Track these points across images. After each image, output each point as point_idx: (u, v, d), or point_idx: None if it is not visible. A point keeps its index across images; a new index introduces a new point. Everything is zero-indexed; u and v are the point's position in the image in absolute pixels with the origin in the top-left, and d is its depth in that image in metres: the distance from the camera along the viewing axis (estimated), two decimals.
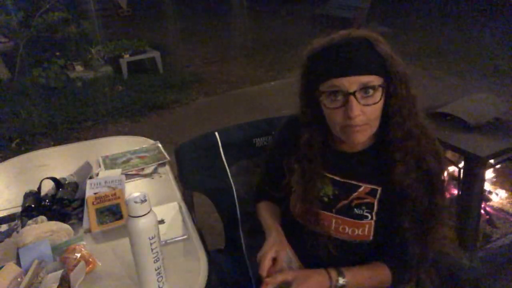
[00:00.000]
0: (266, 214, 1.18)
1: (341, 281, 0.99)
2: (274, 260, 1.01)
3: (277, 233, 1.09)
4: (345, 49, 0.87)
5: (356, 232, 1.03)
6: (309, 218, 1.06)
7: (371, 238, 1.03)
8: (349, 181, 1.03)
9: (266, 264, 0.99)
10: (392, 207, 1.00)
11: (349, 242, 1.05)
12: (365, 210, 1.01)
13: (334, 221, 1.04)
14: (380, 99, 0.89)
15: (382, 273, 1.04)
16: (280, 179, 1.12)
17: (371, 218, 1.01)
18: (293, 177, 1.06)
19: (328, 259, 1.06)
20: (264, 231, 1.13)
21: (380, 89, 0.89)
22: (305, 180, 1.04)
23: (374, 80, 0.88)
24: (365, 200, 1.01)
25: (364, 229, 1.02)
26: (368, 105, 0.89)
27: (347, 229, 1.03)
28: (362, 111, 0.89)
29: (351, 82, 0.87)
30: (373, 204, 1.01)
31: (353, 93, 0.87)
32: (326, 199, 1.05)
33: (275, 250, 1.02)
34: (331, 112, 0.92)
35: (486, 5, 8.48)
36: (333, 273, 1.00)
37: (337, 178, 1.04)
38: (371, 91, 0.88)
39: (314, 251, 1.07)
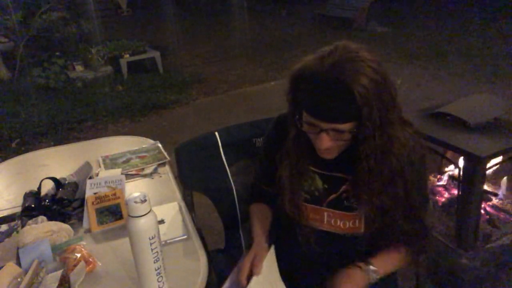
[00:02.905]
0: (254, 220, 1.20)
1: (373, 273, 1.03)
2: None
3: (257, 245, 1.10)
4: (325, 96, 0.88)
5: (348, 224, 1.07)
6: (299, 212, 1.09)
7: (362, 230, 1.06)
8: (336, 175, 1.06)
9: (245, 272, 1.02)
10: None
11: (342, 235, 1.08)
12: (354, 202, 1.05)
13: (326, 214, 1.08)
14: (351, 136, 0.93)
15: (401, 254, 1.08)
16: (274, 173, 1.14)
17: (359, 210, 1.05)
18: (281, 173, 1.08)
19: (323, 253, 1.10)
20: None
21: (353, 130, 0.92)
22: (293, 175, 1.07)
23: (348, 126, 0.91)
24: (354, 192, 1.04)
25: (354, 221, 1.06)
26: (338, 139, 0.94)
27: (338, 222, 1.07)
28: (331, 141, 0.94)
29: (325, 124, 0.91)
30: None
31: (326, 130, 0.92)
32: (316, 193, 1.08)
33: (251, 261, 1.04)
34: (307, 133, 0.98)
35: (486, 5, 8.49)
36: (364, 266, 1.04)
37: (325, 173, 1.08)
38: (343, 131, 0.92)
39: (308, 245, 1.10)
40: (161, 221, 1.17)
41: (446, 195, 2.20)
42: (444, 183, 2.27)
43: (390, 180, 0.98)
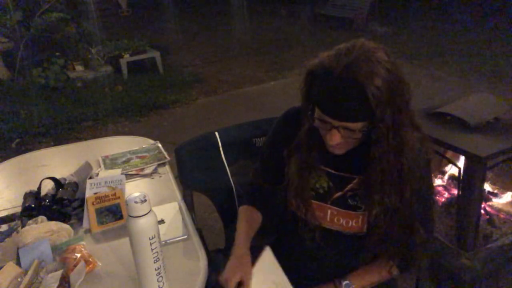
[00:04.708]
0: (241, 225, 1.17)
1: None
2: (239, 284, 1.01)
3: (241, 254, 1.08)
4: (338, 95, 0.88)
5: (350, 223, 1.07)
6: (303, 208, 1.09)
7: (364, 230, 1.06)
8: (343, 174, 1.06)
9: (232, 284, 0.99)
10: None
11: (343, 234, 1.09)
12: (359, 201, 1.05)
13: (329, 212, 1.08)
14: (362, 135, 0.93)
15: (386, 268, 1.09)
16: (275, 168, 1.14)
17: (364, 209, 1.05)
18: (290, 167, 1.08)
19: (326, 250, 1.11)
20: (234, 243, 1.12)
21: (364, 130, 0.92)
22: (301, 171, 1.06)
23: (359, 125, 0.91)
24: (359, 191, 1.05)
25: (358, 220, 1.06)
26: (349, 137, 0.94)
27: (341, 220, 1.08)
28: (342, 138, 0.94)
29: (337, 122, 0.92)
30: None
31: (337, 127, 0.92)
32: (321, 190, 1.09)
33: (240, 275, 1.01)
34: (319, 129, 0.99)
35: (486, 5, 8.48)
36: (338, 283, 1.07)
37: (332, 171, 1.07)
38: (354, 130, 0.92)
39: (312, 242, 1.10)
40: (161, 221, 1.17)
41: (446, 195, 2.20)
42: (444, 183, 2.27)
43: (399, 182, 0.97)
